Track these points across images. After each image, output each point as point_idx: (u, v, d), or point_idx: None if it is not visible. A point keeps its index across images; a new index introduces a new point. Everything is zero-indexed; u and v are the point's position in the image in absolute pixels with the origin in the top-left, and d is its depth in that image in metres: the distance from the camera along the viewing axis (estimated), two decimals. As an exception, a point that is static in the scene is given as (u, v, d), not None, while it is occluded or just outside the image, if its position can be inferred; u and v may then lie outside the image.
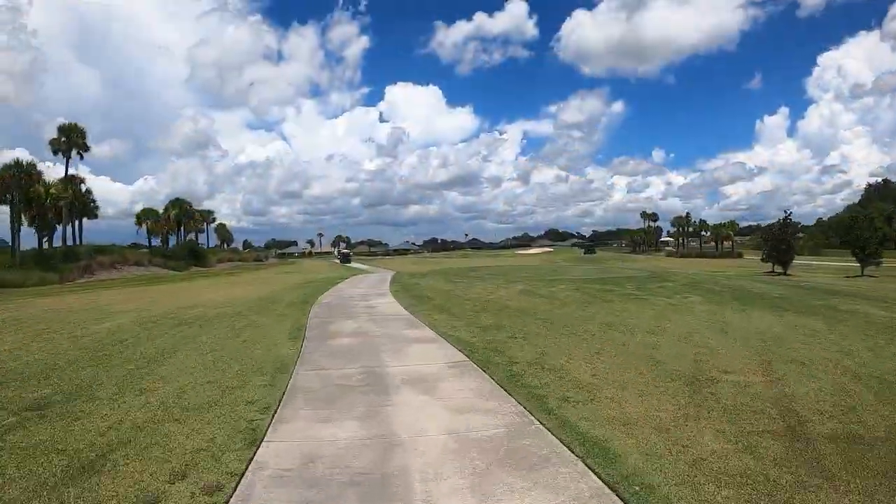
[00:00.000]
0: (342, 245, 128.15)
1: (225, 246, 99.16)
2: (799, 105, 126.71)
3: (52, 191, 32.13)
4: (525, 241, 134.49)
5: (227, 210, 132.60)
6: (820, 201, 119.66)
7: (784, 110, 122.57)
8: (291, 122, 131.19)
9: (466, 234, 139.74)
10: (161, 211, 50.04)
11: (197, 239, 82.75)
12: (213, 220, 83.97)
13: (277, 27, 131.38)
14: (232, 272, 45.03)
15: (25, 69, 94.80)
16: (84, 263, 32.10)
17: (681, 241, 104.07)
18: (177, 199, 51.13)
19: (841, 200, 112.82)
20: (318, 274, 35.72)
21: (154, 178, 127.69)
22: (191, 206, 52.31)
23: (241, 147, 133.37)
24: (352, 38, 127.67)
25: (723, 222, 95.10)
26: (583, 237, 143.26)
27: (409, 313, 11.98)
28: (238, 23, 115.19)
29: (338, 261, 74.97)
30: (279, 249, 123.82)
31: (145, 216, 46.39)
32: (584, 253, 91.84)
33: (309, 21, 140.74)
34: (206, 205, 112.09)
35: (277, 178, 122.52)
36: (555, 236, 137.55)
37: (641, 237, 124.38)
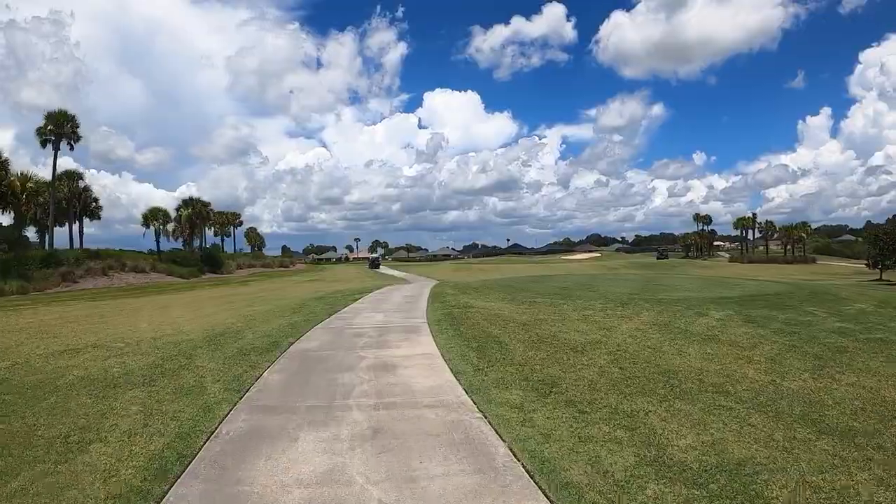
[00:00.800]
0: (380, 250, 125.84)
1: (257, 251, 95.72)
2: (842, 104, 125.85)
3: (30, 184, 27.15)
4: (567, 246, 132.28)
5: (267, 216, 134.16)
6: (864, 203, 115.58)
7: (827, 110, 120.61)
8: (331, 129, 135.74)
9: (508, 240, 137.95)
10: (173, 212, 45.13)
11: (223, 243, 79.48)
12: (240, 222, 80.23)
13: (316, 35, 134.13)
14: (247, 280, 39.28)
15: (69, 80, 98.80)
16: (64, 270, 26.63)
17: (744, 244, 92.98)
18: (190, 199, 46.28)
19: (888, 203, 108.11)
20: (340, 284, 29.19)
21: (196, 184, 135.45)
22: (207, 207, 47.24)
23: (281, 154, 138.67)
24: (390, 45, 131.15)
25: (794, 223, 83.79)
26: (626, 242, 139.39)
27: (475, 408, 4.70)
28: (277, 31, 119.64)
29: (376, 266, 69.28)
30: (317, 255, 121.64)
31: (153, 217, 41.49)
32: (658, 258, 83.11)
33: (347, 28, 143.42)
34: (248, 212, 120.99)
35: (317, 184, 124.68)
36: (597, 241, 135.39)
37: (695, 240, 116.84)
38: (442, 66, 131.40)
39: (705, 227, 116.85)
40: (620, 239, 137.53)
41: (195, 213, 45.10)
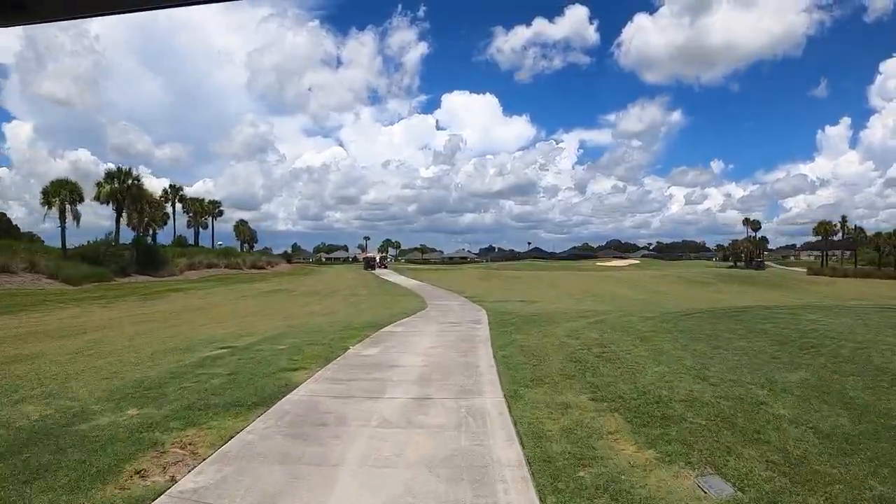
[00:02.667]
0: (392, 251, 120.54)
1: (247, 248, 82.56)
2: (862, 114, 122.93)
3: None
4: (587, 251, 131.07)
5: (283, 214, 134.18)
6: (883, 215, 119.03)
7: (846, 119, 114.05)
8: (349, 128, 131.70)
9: (529, 243, 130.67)
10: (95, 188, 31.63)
11: (197, 236, 66.01)
12: (220, 212, 66.91)
13: (336, 33, 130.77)
14: (176, 288, 25.64)
15: (88, 73, 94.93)
16: None
17: (825, 253, 78.14)
18: (118, 169, 32.74)
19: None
20: (312, 305, 15.67)
21: (213, 181, 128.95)
22: (138, 183, 33.71)
23: (298, 152, 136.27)
24: (410, 44, 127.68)
25: (892, 231, 68.61)
26: (647, 248, 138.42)
27: None
28: (297, 29, 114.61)
29: (376, 270, 56.04)
30: (327, 254, 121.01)
31: (56, 192, 28.06)
32: (755, 269, 69.26)
33: (367, 27, 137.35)
34: (264, 209, 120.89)
35: (334, 183, 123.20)
36: (618, 247, 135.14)
37: (746, 248, 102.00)
38: (462, 67, 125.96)
39: (753, 233, 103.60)
40: (648, 245, 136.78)
41: (122, 189, 31.68)
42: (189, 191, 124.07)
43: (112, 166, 35.13)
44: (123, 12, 1.10)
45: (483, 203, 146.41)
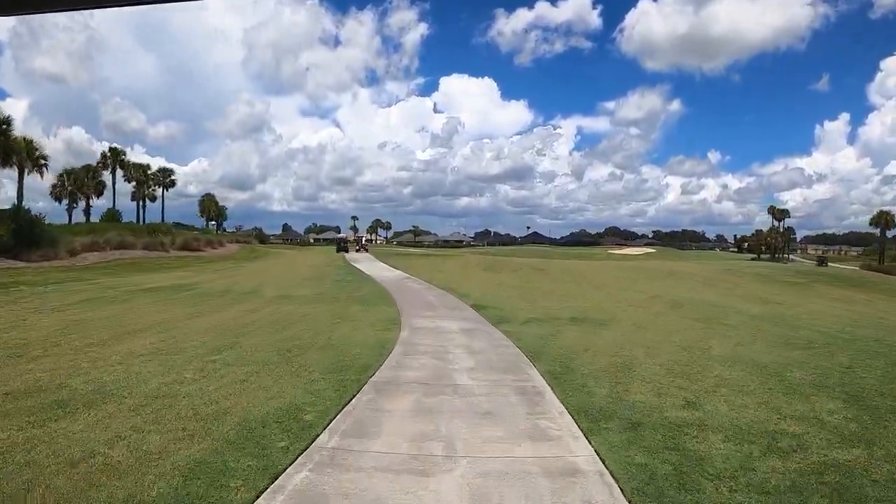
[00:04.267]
0: (382, 232, 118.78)
1: (214, 225, 71.98)
2: (861, 111, 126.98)
3: None
4: (585, 238, 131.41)
5: (278, 194, 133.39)
6: (878, 213, 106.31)
7: (845, 115, 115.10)
8: (346, 109, 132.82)
9: (528, 227, 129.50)
10: None
11: (142, 211, 54.92)
12: (172, 182, 56.02)
13: (335, 11, 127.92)
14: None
15: (82, 49, 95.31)
16: None
17: (882, 246, 68.44)
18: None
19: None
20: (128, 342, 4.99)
21: (208, 159, 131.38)
22: (8, 131, 23.11)
23: (294, 132, 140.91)
24: (410, 25, 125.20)
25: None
26: (645, 237, 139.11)
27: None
28: (295, 6, 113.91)
29: (355, 250, 46.96)
30: (317, 234, 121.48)
31: None
32: (818, 264, 61.13)
33: (367, 6, 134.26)
34: (259, 189, 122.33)
35: (330, 164, 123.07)
36: (616, 234, 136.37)
37: (773, 239, 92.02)
38: (462, 50, 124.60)
39: (777, 224, 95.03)
40: (652, 234, 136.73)
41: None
42: (185, 170, 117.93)
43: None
44: (122, 5, 1.12)
45: (479, 187, 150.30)
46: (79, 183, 43.28)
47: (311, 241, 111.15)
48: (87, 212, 45.55)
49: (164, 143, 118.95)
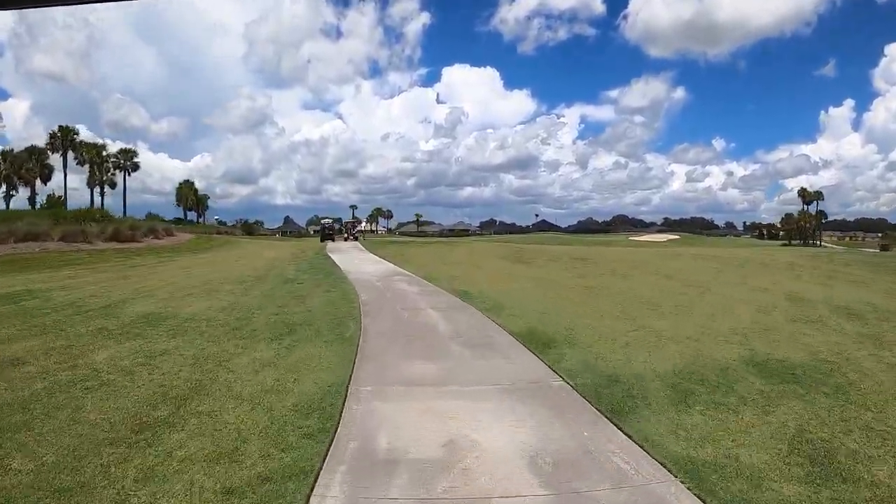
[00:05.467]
0: (382, 221, 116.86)
1: (196, 216, 65.18)
2: (865, 97, 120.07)
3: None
4: (593, 226, 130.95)
5: (282, 187, 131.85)
6: (883, 199, 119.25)
7: (850, 101, 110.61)
8: (348, 101, 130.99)
9: (537, 216, 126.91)
10: None
11: (100, 195, 47.43)
12: (135, 165, 48.93)
13: (337, 2, 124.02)
14: None
15: (82, 47, 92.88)
16: None
17: None
18: None
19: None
20: None
21: (210, 155, 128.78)
22: None
23: (297, 125, 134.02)
24: (412, 14, 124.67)
25: None
26: (655, 224, 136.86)
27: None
28: None
29: (343, 239, 40.80)
30: (316, 226, 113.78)
31: None
32: (882, 249, 55.20)
33: None
34: (262, 183, 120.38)
35: (333, 156, 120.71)
36: (625, 222, 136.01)
37: (804, 224, 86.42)
38: (464, 39, 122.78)
39: (805, 208, 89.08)
40: (661, 221, 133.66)
41: None
42: (187, 165, 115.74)
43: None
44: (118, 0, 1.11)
45: (483, 177, 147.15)
46: (16, 166, 36.42)
47: (312, 232, 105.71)
48: (31, 199, 38.89)
49: (167, 139, 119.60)
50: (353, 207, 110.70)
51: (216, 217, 78.94)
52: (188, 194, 63.91)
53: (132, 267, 17.19)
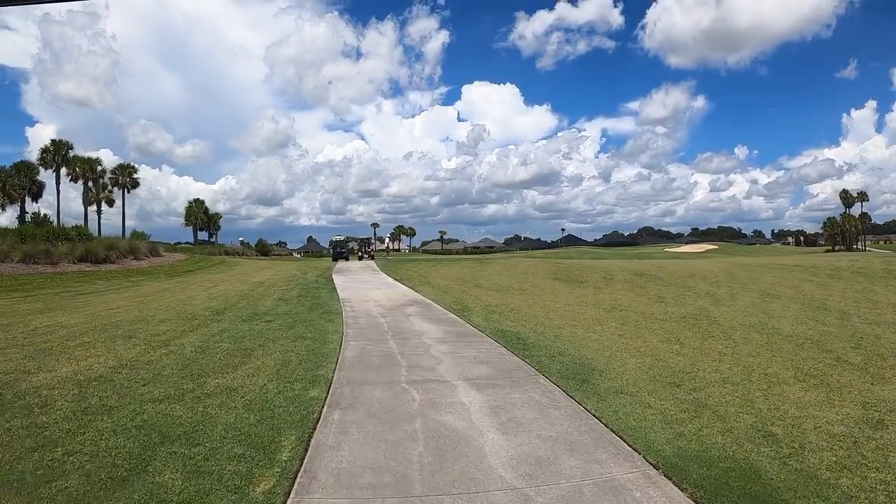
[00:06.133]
0: (405, 239, 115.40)
1: (208, 236, 62.35)
2: (887, 97, 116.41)
3: None
4: (620, 239, 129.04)
5: (306, 209, 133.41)
6: None
7: (872, 103, 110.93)
8: (370, 121, 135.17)
9: (563, 230, 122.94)
10: None
11: (91, 214, 43.67)
12: (135, 182, 46.04)
13: (356, 23, 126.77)
14: None
15: (106, 73, 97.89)
16: None
17: None
18: None
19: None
20: None
21: (235, 177, 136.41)
22: None
23: (320, 146, 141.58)
24: (431, 33, 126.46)
25: None
26: (682, 235, 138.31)
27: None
28: (315, 20, 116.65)
29: (357, 258, 37.19)
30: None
31: None
32: None
33: (387, 16, 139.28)
34: (287, 204, 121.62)
35: (356, 176, 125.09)
36: (651, 234, 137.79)
37: (851, 227, 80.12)
38: (483, 57, 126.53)
39: (848, 211, 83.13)
40: (689, 232, 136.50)
41: None
42: (212, 188, 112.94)
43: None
44: None
45: (506, 193, 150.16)
46: (1, 182, 33.74)
47: (332, 251, 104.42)
48: (20, 218, 36.05)
49: (192, 162, 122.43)
50: (375, 226, 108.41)
51: (240, 238, 76.51)
52: (197, 213, 61.09)
53: (78, 295, 13.46)
